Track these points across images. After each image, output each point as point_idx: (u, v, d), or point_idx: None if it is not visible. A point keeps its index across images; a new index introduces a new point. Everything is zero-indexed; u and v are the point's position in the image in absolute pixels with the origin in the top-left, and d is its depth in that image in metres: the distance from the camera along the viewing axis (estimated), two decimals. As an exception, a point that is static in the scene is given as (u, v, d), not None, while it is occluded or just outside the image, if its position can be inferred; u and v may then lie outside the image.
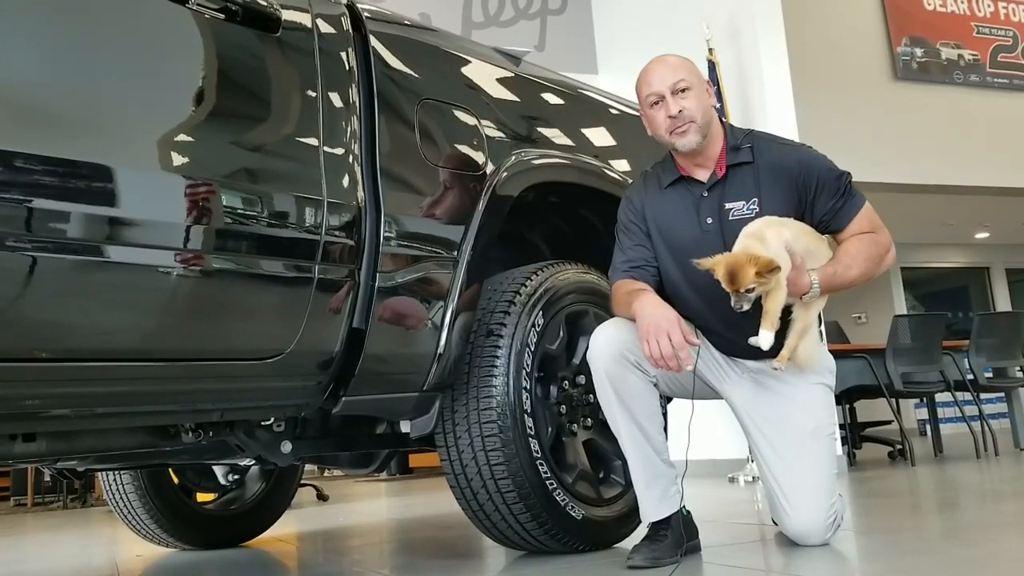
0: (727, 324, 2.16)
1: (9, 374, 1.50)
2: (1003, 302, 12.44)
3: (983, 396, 5.88)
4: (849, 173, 2.17)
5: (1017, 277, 12.82)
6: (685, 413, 2.24)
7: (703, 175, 2.16)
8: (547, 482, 2.19)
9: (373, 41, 2.08)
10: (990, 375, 6.00)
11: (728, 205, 2.12)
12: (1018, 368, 6.06)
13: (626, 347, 2.07)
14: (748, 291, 1.95)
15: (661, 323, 1.95)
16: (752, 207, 2.10)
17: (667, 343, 1.93)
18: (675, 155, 2.21)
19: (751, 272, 1.92)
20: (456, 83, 2.31)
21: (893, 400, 5.39)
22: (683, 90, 2.12)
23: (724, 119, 2.29)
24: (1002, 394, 6.26)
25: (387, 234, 1.98)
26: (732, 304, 1.96)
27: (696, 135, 2.12)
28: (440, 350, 2.09)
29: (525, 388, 2.20)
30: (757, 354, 2.20)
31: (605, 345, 2.10)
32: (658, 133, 2.18)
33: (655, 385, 2.13)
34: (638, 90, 2.20)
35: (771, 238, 2.00)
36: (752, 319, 2.14)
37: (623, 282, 2.17)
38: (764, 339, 2.02)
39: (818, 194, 2.12)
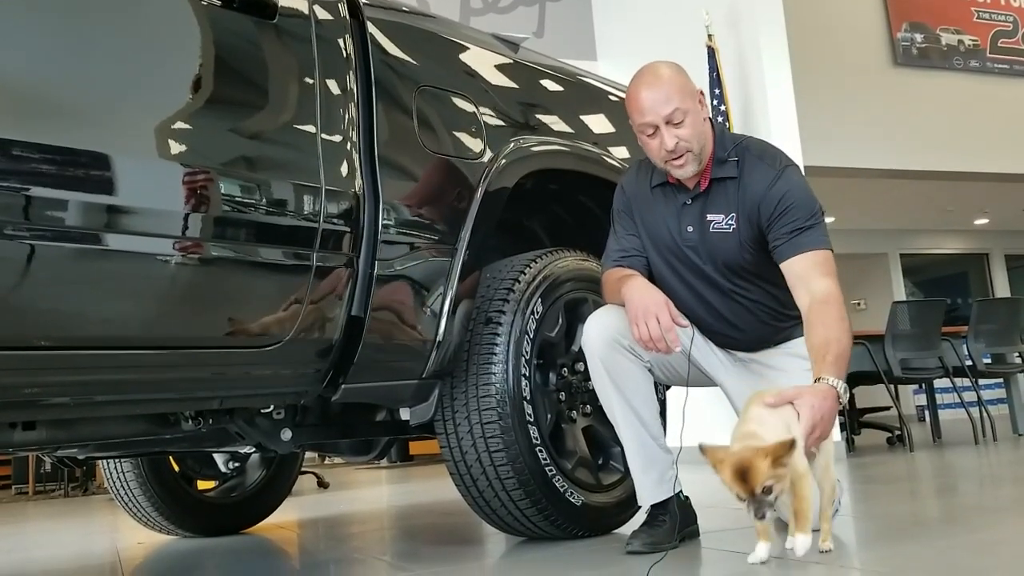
0: (715, 318, 2.16)
1: (9, 362, 1.50)
2: (1002, 288, 12.45)
3: (982, 382, 5.89)
4: (822, 212, 2.03)
5: (1016, 263, 12.82)
6: (680, 397, 2.24)
7: (689, 183, 2.12)
8: (546, 468, 2.20)
9: (371, 28, 2.07)
10: (989, 361, 6.01)
11: (709, 217, 2.09)
12: (1016, 354, 6.07)
13: (619, 332, 2.07)
14: (767, 491, 1.61)
15: (649, 306, 1.96)
16: (731, 222, 2.07)
17: (655, 325, 1.94)
18: None
19: (763, 465, 1.59)
20: (454, 70, 2.30)
21: (892, 386, 5.40)
22: (679, 121, 1.99)
23: (715, 122, 2.21)
24: (1000, 380, 6.28)
25: (386, 222, 1.97)
26: (752, 511, 1.63)
27: (693, 164, 2.04)
28: (439, 338, 2.09)
29: (524, 375, 2.21)
30: (747, 345, 2.20)
31: (599, 331, 2.10)
32: (653, 159, 2.10)
33: (650, 371, 2.14)
34: (630, 111, 2.08)
35: (767, 418, 1.73)
36: (743, 313, 2.14)
37: (613, 270, 2.18)
38: (801, 546, 1.70)
39: (778, 216, 2.00)
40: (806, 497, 1.69)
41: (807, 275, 1.98)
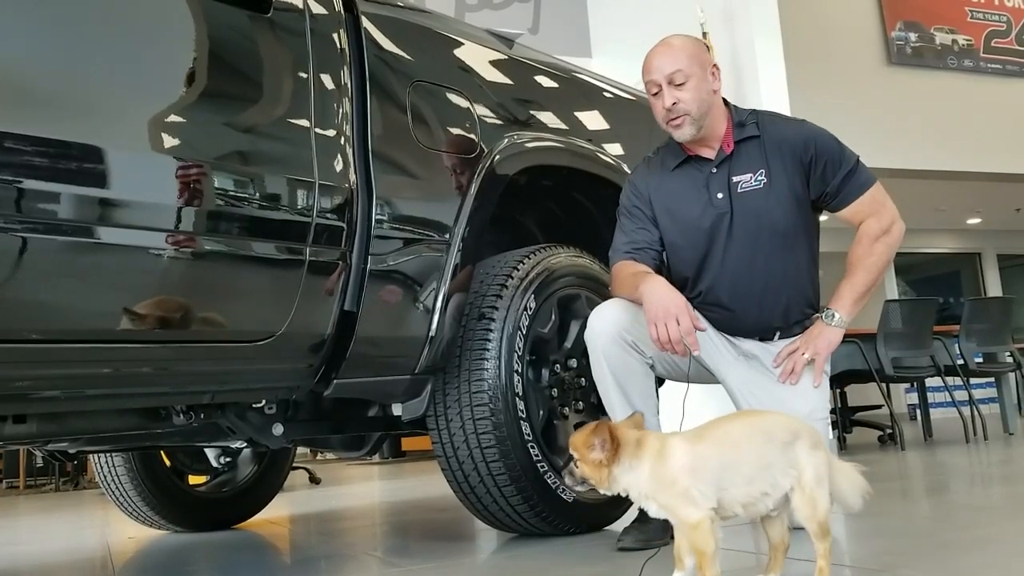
0: (734, 297, 2.15)
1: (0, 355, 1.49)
2: (994, 288, 12.50)
3: (973, 381, 5.90)
4: (855, 154, 2.16)
5: (1008, 263, 12.87)
6: (679, 393, 2.24)
7: (710, 153, 2.17)
8: (538, 465, 2.20)
9: (365, 22, 2.07)
10: (980, 360, 6.02)
11: (736, 178, 2.13)
12: (1008, 353, 6.09)
13: (624, 328, 2.07)
14: (572, 464, 1.47)
15: (670, 308, 1.95)
16: (760, 178, 2.12)
17: (675, 328, 1.93)
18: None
19: (582, 435, 1.45)
20: (449, 65, 2.30)
21: (883, 385, 5.41)
22: (680, 83, 2.09)
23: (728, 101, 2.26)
24: (992, 379, 6.29)
25: (379, 217, 1.97)
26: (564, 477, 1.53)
27: (690, 127, 2.11)
28: (432, 333, 2.09)
29: (517, 371, 2.21)
30: (759, 333, 2.20)
31: (603, 325, 2.10)
32: (657, 120, 2.18)
33: (651, 367, 2.14)
34: (642, 74, 2.18)
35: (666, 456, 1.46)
36: (772, 294, 2.14)
37: (625, 263, 2.16)
38: None
39: (822, 171, 2.13)
40: (697, 551, 1.40)
41: (857, 223, 2.18)
